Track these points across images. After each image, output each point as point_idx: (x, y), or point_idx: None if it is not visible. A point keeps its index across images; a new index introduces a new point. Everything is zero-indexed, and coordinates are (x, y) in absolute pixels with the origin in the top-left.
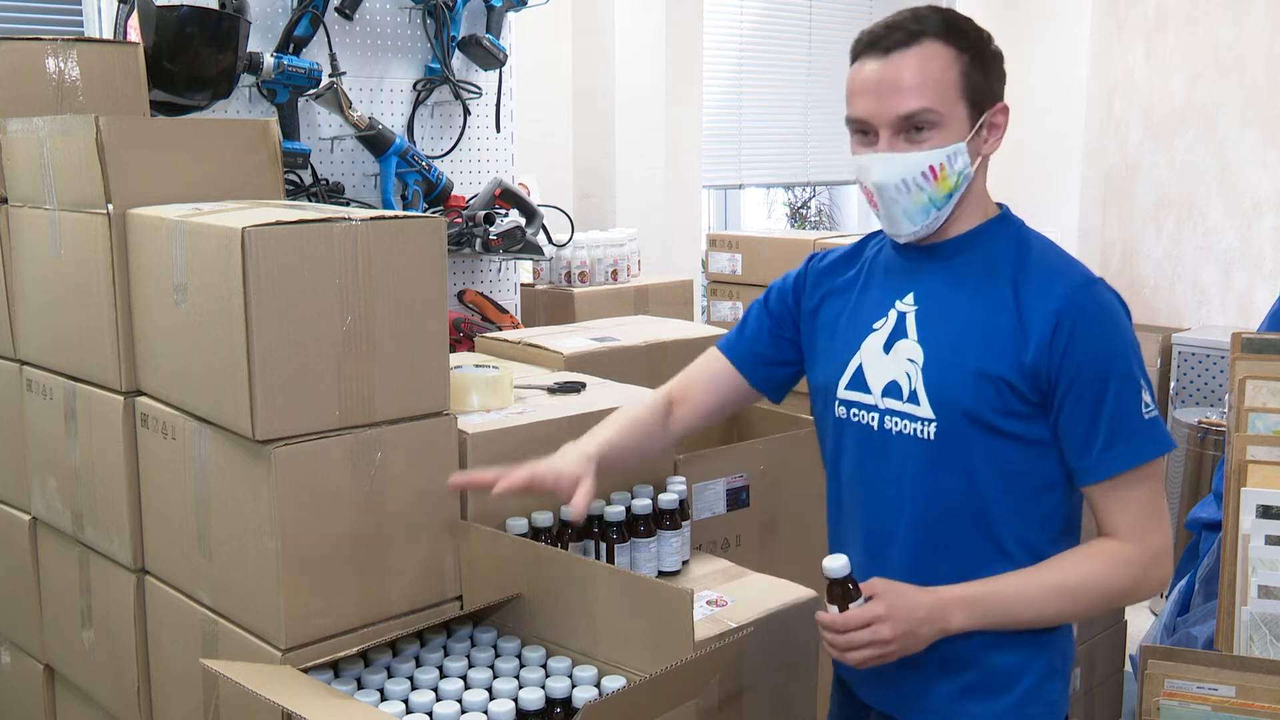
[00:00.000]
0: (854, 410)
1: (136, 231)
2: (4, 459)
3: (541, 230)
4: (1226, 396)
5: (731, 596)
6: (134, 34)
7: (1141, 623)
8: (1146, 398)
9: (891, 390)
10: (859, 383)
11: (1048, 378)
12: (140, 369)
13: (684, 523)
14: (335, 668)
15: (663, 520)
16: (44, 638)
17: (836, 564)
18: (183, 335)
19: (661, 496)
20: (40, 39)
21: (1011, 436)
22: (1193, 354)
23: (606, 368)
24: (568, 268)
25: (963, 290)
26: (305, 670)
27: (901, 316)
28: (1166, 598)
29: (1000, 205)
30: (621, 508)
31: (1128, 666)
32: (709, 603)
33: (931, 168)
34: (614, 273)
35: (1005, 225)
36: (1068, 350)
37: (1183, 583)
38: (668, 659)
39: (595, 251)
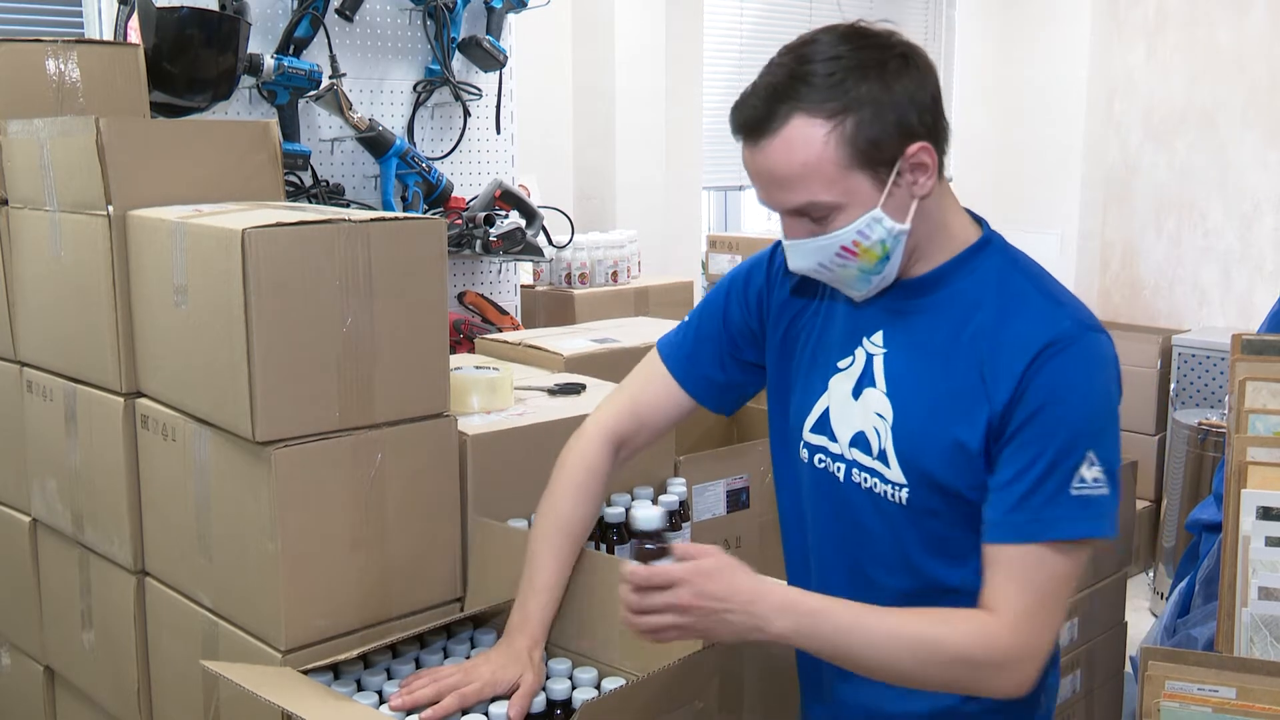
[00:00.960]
0: (819, 456)
1: (137, 233)
2: (4, 460)
3: (542, 231)
4: (1226, 398)
5: None
6: (134, 35)
7: (1142, 624)
8: (1088, 472)
9: (859, 442)
10: (824, 427)
11: (1001, 433)
12: (140, 370)
13: (684, 524)
14: (335, 669)
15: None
16: (44, 639)
17: (647, 513)
18: (183, 337)
19: (661, 498)
20: (40, 40)
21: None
22: (1193, 355)
23: (607, 369)
24: (568, 269)
25: (935, 337)
26: (305, 672)
27: (870, 360)
28: (1167, 600)
29: (981, 224)
30: (621, 509)
31: (1128, 668)
32: None
33: (844, 248)
34: (614, 274)
35: (982, 257)
36: (1025, 398)
37: (1183, 584)
38: (668, 661)
39: (595, 253)
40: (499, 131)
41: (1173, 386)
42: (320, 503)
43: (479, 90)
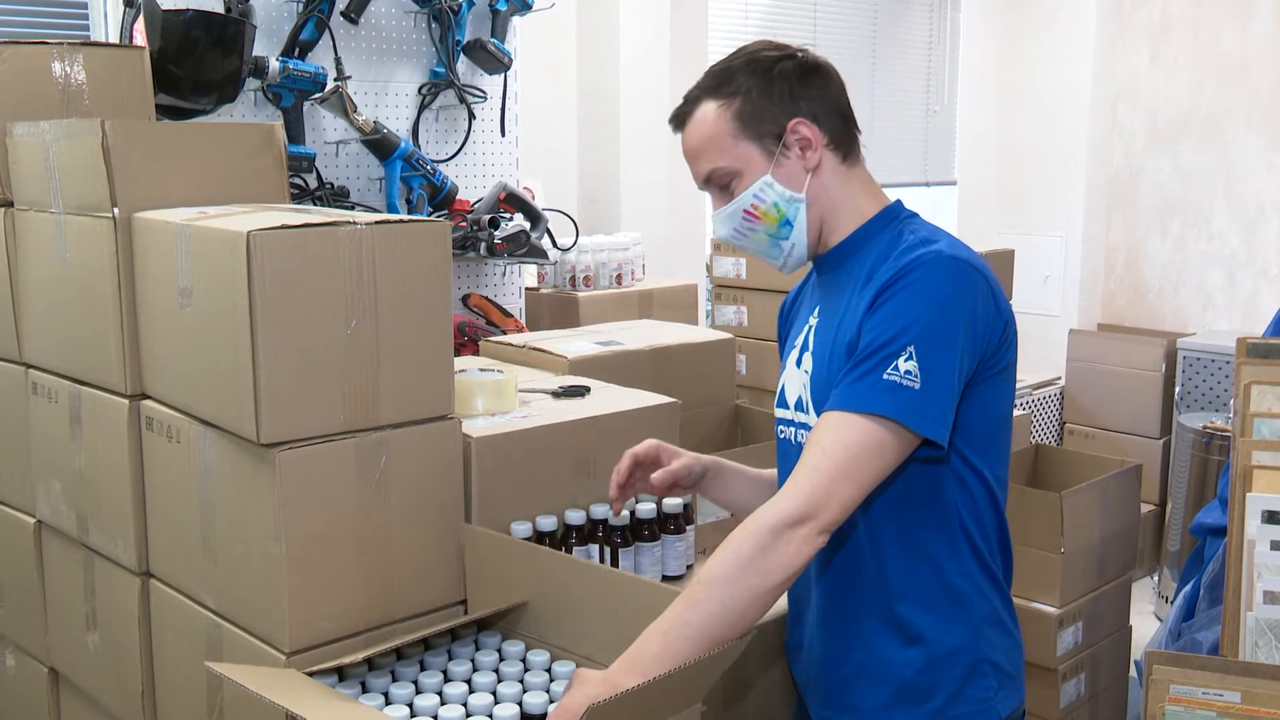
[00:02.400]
0: (781, 427)
1: (142, 235)
2: (9, 462)
3: (546, 234)
4: (1231, 401)
5: None
6: (140, 38)
7: (1146, 628)
8: (908, 365)
9: (798, 404)
10: (781, 399)
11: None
12: (145, 372)
13: (688, 527)
14: (340, 671)
15: (667, 525)
16: (49, 641)
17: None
18: (188, 339)
19: (666, 501)
20: (46, 43)
21: None
22: (1198, 359)
23: (611, 372)
24: (572, 271)
25: (844, 298)
26: (310, 674)
27: (809, 331)
28: (1171, 604)
29: (895, 202)
30: (625, 512)
31: (1132, 672)
32: None
33: (746, 211)
34: (618, 277)
35: (883, 222)
36: (874, 309)
37: (1188, 588)
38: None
39: (600, 255)
40: (504, 134)
41: (1177, 390)
42: (325, 505)
43: (484, 93)
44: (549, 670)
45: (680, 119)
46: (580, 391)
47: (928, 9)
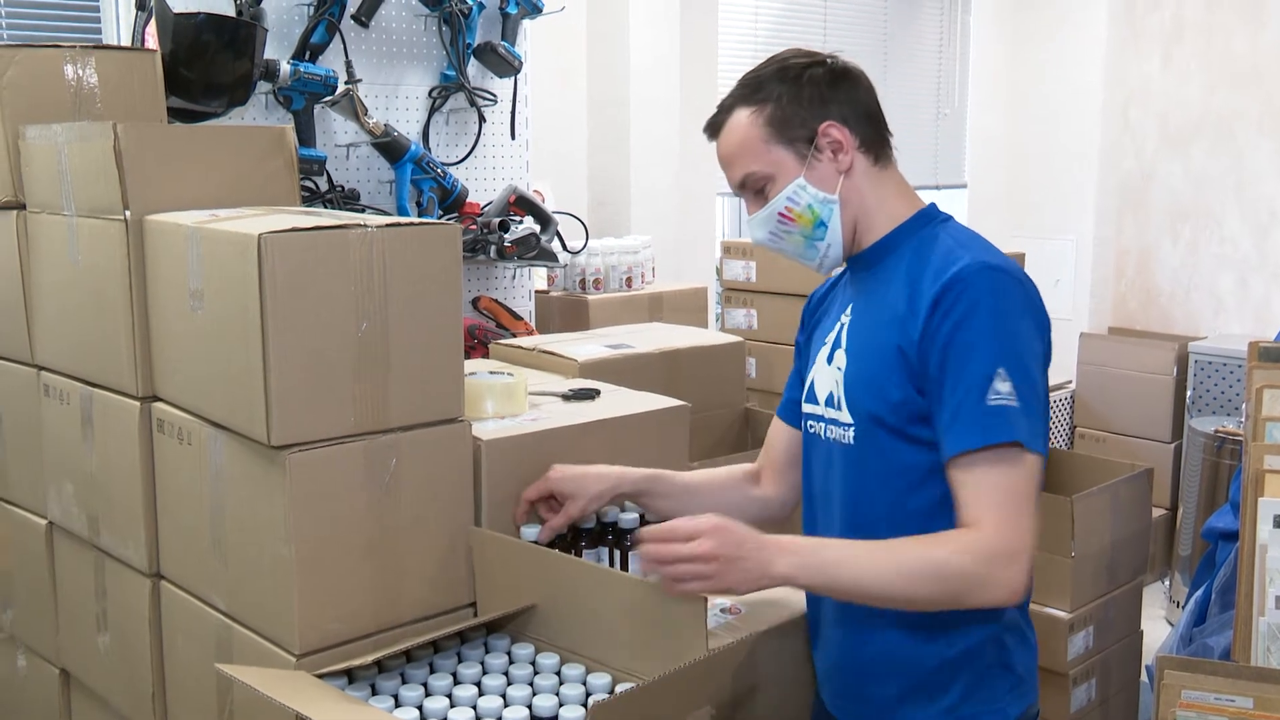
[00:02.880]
0: (809, 422)
1: (153, 238)
2: (21, 464)
3: (556, 237)
4: (1243, 405)
5: (745, 604)
6: (151, 41)
7: (1158, 633)
8: (1001, 385)
9: (829, 400)
10: (811, 395)
11: (921, 362)
12: (156, 374)
13: None
14: (349, 673)
15: None
16: (60, 642)
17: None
18: (198, 341)
19: None
20: (59, 46)
21: (919, 442)
22: (1209, 363)
23: (621, 375)
24: (582, 275)
25: (881, 296)
26: (319, 676)
27: (841, 328)
28: (1183, 608)
29: (930, 205)
30: (636, 515)
31: (1144, 677)
32: (723, 610)
33: (781, 214)
34: (628, 280)
35: (920, 225)
36: (937, 332)
37: (1199, 593)
38: (680, 664)
39: (610, 258)
40: (514, 137)
41: (1189, 394)
42: (335, 507)
43: (494, 96)
44: (558, 673)
45: (715, 127)
46: (590, 394)
47: (938, 12)
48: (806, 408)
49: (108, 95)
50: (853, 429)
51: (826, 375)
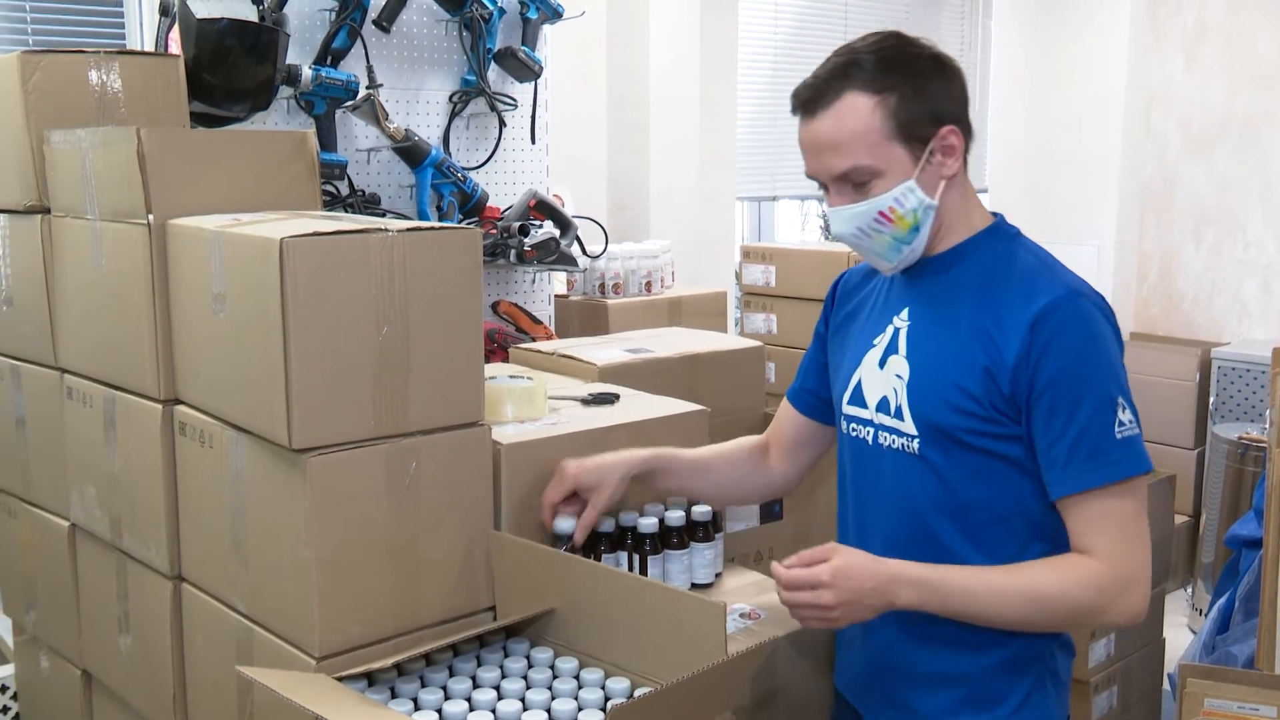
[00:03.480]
0: (852, 425)
1: (176, 242)
2: (44, 466)
3: (576, 241)
4: (1267, 412)
5: (765, 609)
6: (175, 47)
7: (1180, 640)
8: (1124, 416)
9: (882, 405)
10: (858, 398)
11: (1020, 392)
12: (178, 378)
13: (717, 535)
14: (369, 676)
15: (695, 532)
16: (82, 643)
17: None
18: (221, 344)
19: (694, 508)
20: (83, 51)
21: (990, 455)
22: (1233, 368)
23: (641, 379)
24: (601, 279)
25: (951, 306)
26: (339, 678)
27: (896, 332)
28: (1206, 616)
29: (995, 215)
30: (655, 519)
31: (1166, 685)
32: (742, 615)
33: (882, 213)
34: (648, 284)
35: (994, 237)
36: (1040, 363)
37: (1222, 600)
38: (699, 668)
39: (629, 263)
40: (534, 142)
41: (1212, 400)
42: (355, 510)
43: (514, 101)
44: (577, 677)
45: (815, 102)
46: (609, 399)
47: (959, 15)
48: (850, 409)
49: (131, 100)
50: (917, 440)
51: (880, 380)
